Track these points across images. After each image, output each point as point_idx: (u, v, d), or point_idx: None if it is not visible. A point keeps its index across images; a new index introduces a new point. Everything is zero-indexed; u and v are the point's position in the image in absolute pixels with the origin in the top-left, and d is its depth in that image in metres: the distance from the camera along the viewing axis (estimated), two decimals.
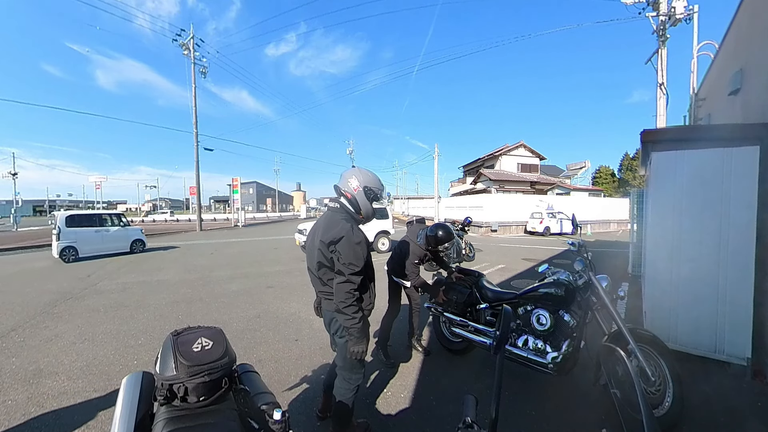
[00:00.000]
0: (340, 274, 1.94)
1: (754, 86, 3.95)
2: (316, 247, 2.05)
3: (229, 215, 35.16)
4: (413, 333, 3.72)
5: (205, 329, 1.24)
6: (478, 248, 11.67)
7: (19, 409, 2.69)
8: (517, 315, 3.06)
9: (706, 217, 3.31)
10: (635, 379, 1.12)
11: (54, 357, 3.62)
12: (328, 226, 2.04)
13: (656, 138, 3.92)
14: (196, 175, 22.97)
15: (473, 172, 36.63)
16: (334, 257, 1.97)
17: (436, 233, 3.41)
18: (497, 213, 20.08)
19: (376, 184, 2.14)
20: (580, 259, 2.81)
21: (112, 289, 6.61)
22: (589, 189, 35.69)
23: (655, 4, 9.16)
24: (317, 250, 2.03)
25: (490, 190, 26.88)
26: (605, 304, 2.59)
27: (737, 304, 3.15)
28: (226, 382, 1.16)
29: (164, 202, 79.24)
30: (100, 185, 36.62)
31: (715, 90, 6.56)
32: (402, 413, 2.64)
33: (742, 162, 3.16)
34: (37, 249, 13.29)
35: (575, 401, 2.77)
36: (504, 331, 0.92)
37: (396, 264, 3.51)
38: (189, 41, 22.17)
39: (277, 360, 3.54)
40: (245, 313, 5.13)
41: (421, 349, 3.69)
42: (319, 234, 2.05)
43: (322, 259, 2.02)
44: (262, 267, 8.99)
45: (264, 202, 76.53)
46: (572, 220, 3.41)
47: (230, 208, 33.77)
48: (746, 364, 3.09)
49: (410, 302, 3.65)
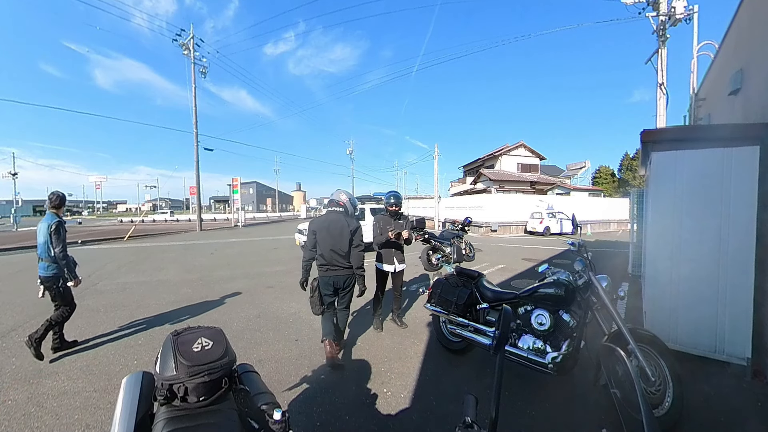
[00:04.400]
0: (357, 247, 3.49)
1: (754, 86, 3.95)
2: (345, 236, 3.43)
3: (229, 215, 35.16)
4: (395, 311, 4.60)
5: (205, 329, 1.24)
6: (478, 248, 11.67)
7: (19, 409, 2.69)
8: (517, 315, 3.07)
9: (706, 217, 3.32)
10: (635, 379, 1.12)
11: (54, 357, 3.62)
12: (347, 223, 3.47)
13: (656, 138, 3.92)
14: (196, 175, 22.97)
15: (473, 172, 36.63)
16: (354, 238, 3.48)
17: (389, 196, 4.44)
18: (497, 213, 20.08)
19: (353, 198, 3.71)
20: (580, 259, 2.81)
21: (112, 289, 6.61)
22: (589, 189, 35.70)
23: (655, 4, 9.16)
24: (347, 238, 3.44)
25: (490, 190, 26.88)
26: (605, 304, 2.60)
27: (737, 304, 3.15)
28: (226, 382, 1.15)
29: (164, 202, 79.22)
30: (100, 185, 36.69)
31: (715, 90, 6.57)
32: (402, 413, 2.64)
33: (742, 162, 3.16)
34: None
35: (575, 401, 2.77)
36: (504, 331, 0.92)
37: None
38: (189, 41, 22.16)
39: (277, 360, 3.54)
40: (245, 313, 5.13)
41: (400, 323, 4.52)
42: (339, 227, 3.45)
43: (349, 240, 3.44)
44: (262, 267, 8.99)
45: (264, 202, 76.52)
46: (572, 220, 3.42)
47: (230, 208, 33.77)
48: (746, 364, 3.09)
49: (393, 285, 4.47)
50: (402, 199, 4.50)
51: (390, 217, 4.41)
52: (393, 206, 4.37)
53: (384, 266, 4.36)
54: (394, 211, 4.39)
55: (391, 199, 4.38)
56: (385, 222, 4.35)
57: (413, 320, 4.77)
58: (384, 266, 4.36)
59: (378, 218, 4.42)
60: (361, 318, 4.86)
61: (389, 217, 4.41)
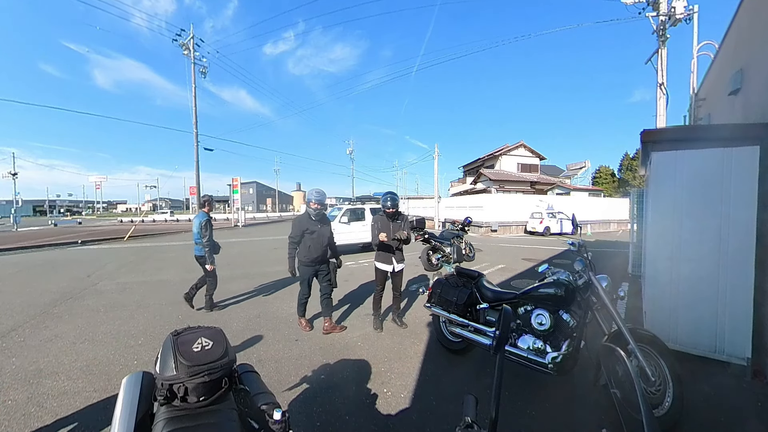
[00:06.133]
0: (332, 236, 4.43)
1: (754, 86, 3.95)
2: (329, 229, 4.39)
3: (229, 215, 35.16)
4: (395, 311, 4.61)
5: (205, 329, 1.24)
6: (478, 248, 11.67)
7: (19, 409, 2.69)
8: (517, 315, 3.07)
9: (706, 217, 3.31)
10: (635, 379, 1.12)
11: (54, 357, 3.62)
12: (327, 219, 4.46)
13: (656, 138, 3.92)
14: (196, 175, 22.96)
15: (473, 172, 36.63)
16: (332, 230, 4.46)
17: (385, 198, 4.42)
18: (497, 213, 20.08)
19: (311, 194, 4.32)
20: (580, 259, 2.81)
21: (112, 290, 6.61)
22: (589, 189, 35.70)
23: (655, 4, 9.16)
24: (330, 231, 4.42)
25: (490, 190, 26.88)
26: (605, 304, 2.59)
27: (737, 304, 3.15)
28: (226, 382, 1.15)
29: (164, 202, 79.23)
30: (100, 185, 36.69)
31: (715, 90, 6.57)
32: (402, 413, 2.64)
33: (742, 162, 3.16)
34: (37, 249, 13.29)
35: (575, 401, 2.77)
36: (504, 331, 0.92)
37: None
38: (189, 41, 22.16)
39: (277, 360, 3.54)
40: (245, 313, 5.14)
41: (400, 323, 4.52)
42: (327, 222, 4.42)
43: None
44: (262, 267, 8.99)
45: (264, 202, 76.51)
46: (572, 220, 3.42)
47: (230, 208, 33.76)
48: (746, 364, 3.09)
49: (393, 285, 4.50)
50: (399, 199, 4.51)
51: (387, 218, 4.40)
52: (389, 208, 4.34)
53: (383, 266, 4.38)
54: (391, 212, 4.37)
55: (388, 202, 4.35)
56: (383, 223, 4.37)
57: (413, 320, 4.77)
58: (383, 266, 4.38)
59: (376, 219, 4.44)
60: (361, 318, 4.87)
61: (386, 218, 4.40)
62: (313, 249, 4.17)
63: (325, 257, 4.35)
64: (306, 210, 4.32)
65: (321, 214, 4.29)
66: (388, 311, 4.78)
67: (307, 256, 4.17)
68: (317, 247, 4.19)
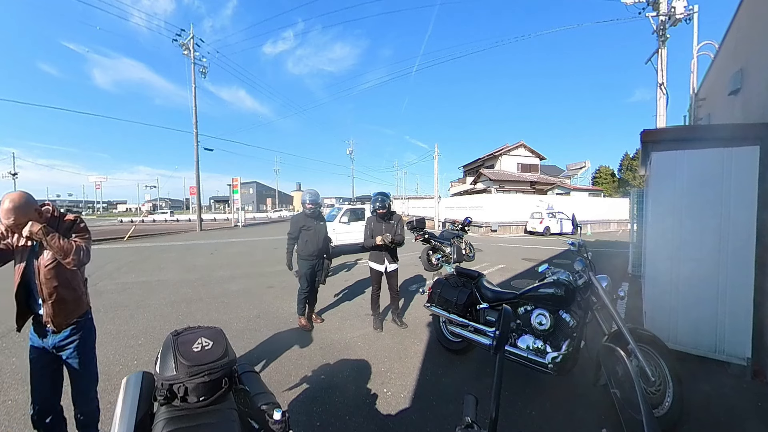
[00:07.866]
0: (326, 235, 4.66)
1: (754, 86, 3.95)
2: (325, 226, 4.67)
3: (229, 215, 35.16)
4: (394, 311, 4.63)
5: (205, 329, 1.24)
6: (478, 248, 11.67)
7: (19, 409, 2.68)
8: (517, 315, 3.06)
9: (706, 217, 3.31)
10: (635, 379, 1.12)
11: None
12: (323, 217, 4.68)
13: (656, 138, 3.92)
14: (196, 175, 22.96)
15: (473, 172, 36.62)
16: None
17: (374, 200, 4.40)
18: (497, 213, 20.08)
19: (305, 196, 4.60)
20: (580, 259, 2.81)
21: (112, 290, 6.61)
22: (589, 189, 35.68)
23: (655, 4, 9.16)
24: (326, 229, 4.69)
25: (490, 190, 26.88)
26: (605, 304, 2.59)
27: (737, 304, 3.15)
28: (226, 382, 1.16)
29: (164, 202, 79.20)
30: (99, 185, 36.68)
31: (715, 90, 6.57)
32: (402, 413, 2.64)
33: (742, 162, 3.16)
34: None
35: (575, 401, 2.77)
36: (504, 330, 0.91)
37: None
38: (189, 41, 22.16)
39: (277, 360, 3.54)
40: (245, 313, 5.14)
41: (400, 323, 4.54)
42: (322, 219, 4.66)
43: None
44: (262, 267, 8.99)
45: (264, 202, 76.50)
46: (572, 220, 3.42)
47: (230, 208, 33.77)
48: (746, 364, 3.09)
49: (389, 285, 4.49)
50: (389, 199, 4.46)
51: (379, 219, 4.38)
52: (379, 209, 4.31)
53: (376, 265, 4.41)
54: (382, 213, 4.35)
55: (377, 203, 4.32)
56: (375, 225, 4.37)
57: (413, 320, 4.77)
58: (376, 265, 4.41)
59: (369, 220, 4.48)
60: (361, 318, 4.87)
61: (378, 219, 4.39)
62: (311, 244, 4.40)
63: (322, 252, 4.53)
64: (303, 209, 4.55)
65: (316, 213, 4.51)
66: (387, 311, 4.78)
67: (305, 251, 4.39)
68: (314, 242, 4.42)
